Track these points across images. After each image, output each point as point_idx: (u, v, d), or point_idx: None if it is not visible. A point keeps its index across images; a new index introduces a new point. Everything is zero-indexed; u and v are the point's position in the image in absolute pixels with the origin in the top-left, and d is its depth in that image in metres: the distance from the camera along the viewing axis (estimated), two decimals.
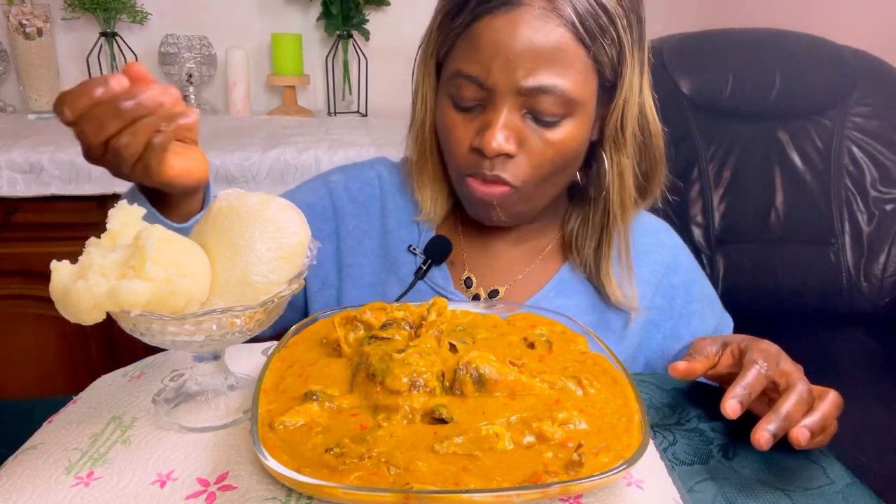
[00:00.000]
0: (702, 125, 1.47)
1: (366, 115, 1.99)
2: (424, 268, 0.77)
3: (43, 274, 0.43)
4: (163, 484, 0.44)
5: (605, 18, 0.63)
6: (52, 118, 1.74)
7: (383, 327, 0.54)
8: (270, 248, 0.47)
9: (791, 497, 0.50)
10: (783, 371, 0.56)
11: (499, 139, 0.64)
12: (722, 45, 1.53)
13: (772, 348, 0.59)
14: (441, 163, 0.76)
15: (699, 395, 0.63)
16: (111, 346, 1.56)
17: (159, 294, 0.42)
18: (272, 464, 0.40)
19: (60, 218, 1.46)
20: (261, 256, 0.46)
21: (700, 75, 1.48)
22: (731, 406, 0.52)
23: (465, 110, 0.67)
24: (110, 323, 0.44)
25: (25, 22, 1.67)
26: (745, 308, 0.97)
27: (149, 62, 1.87)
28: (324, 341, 0.55)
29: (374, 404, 0.46)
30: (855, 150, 1.48)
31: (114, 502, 0.42)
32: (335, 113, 1.98)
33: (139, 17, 1.81)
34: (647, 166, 0.74)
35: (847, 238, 1.46)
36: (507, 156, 0.66)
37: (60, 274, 0.42)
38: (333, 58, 1.94)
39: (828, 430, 0.55)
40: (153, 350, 0.53)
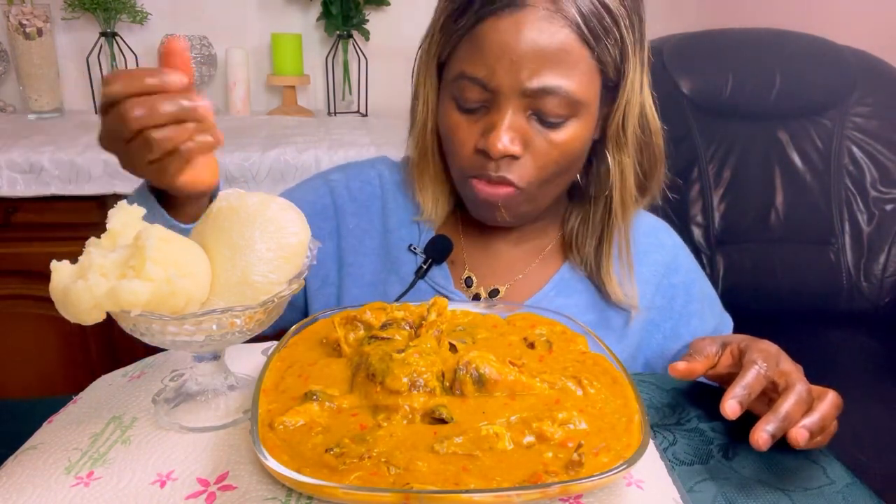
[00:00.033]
0: (702, 125, 1.47)
1: (366, 115, 1.99)
2: (425, 267, 0.77)
3: (43, 274, 0.43)
4: (163, 484, 0.44)
5: (609, 19, 0.63)
6: (52, 118, 1.75)
7: (383, 327, 0.54)
8: (270, 248, 0.47)
9: (791, 497, 0.50)
10: (782, 371, 0.56)
11: (504, 141, 0.64)
12: (722, 45, 1.53)
13: (771, 348, 0.59)
14: (442, 164, 0.76)
15: (699, 395, 0.63)
16: (111, 346, 1.56)
17: (159, 294, 0.42)
18: (272, 464, 0.40)
19: (60, 218, 1.46)
20: (261, 256, 0.46)
21: (700, 75, 1.48)
22: (731, 406, 0.52)
23: (469, 112, 0.67)
24: (110, 323, 0.44)
25: (25, 22, 1.67)
26: (745, 308, 0.97)
27: (149, 62, 1.86)
28: (324, 341, 0.55)
29: (374, 404, 0.46)
30: (855, 150, 1.48)
31: (114, 502, 0.42)
32: (335, 113, 1.98)
33: (139, 17, 1.81)
34: (648, 165, 0.74)
35: (847, 238, 1.46)
36: (513, 157, 0.66)
37: (60, 274, 0.42)
38: (333, 58, 1.94)
39: (827, 431, 0.55)
40: (153, 350, 0.53)
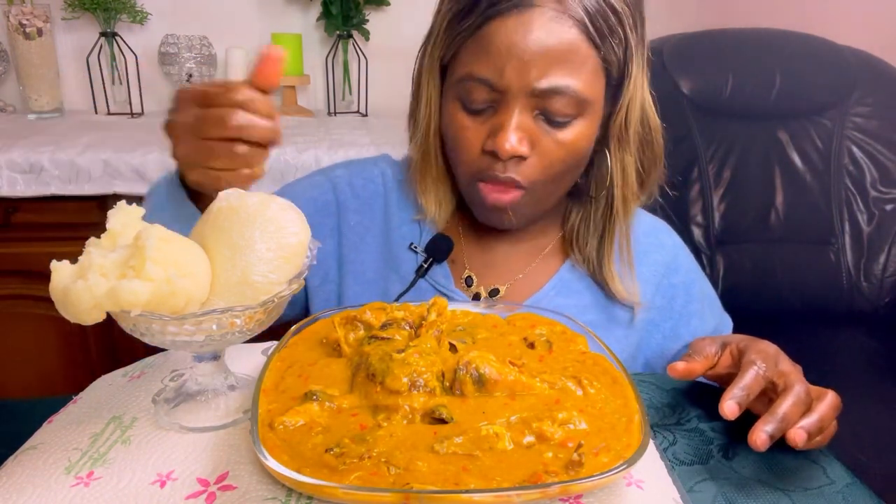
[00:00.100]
0: (702, 125, 1.47)
1: (366, 115, 1.99)
2: (426, 266, 0.77)
3: (43, 274, 0.43)
4: (163, 484, 0.44)
5: (614, 18, 0.64)
6: (52, 118, 1.75)
7: (383, 327, 0.54)
8: (270, 248, 0.46)
9: (791, 497, 0.50)
10: (781, 372, 0.56)
11: (512, 141, 0.64)
12: (722, 45, 1.53)
13: (770, 349, 0.59)
14: (445, 166, 0.76)
15: (699, 395, 0.63)
16: (111, 346, 1.56)
17: (159, 294, 0.42)
18: (272, 464, 0.40)
19: (60, 218, 1.46)
20: (261, 256, 0.46)
21: (700, 75, 1.48)
22: (729, 407, 0.52)
23: (475, 113, 0.67)
24: (110, 323, 0.44)
25: (25, 22, 1.67)
26: (745, 308, 0.97)
27: (149, 62, 1.87)
28: (324, 341, 0.55)
29: (374, 404, 0.46)
30: (855, 150, 1.48)
31: (114, 502, 0.42)
32: (335, 113, 1.98)
33: (139, 17, 1.80)
34: (648, 162, 0.74)
35: (847, 238, 1.46)
36: (520, 157, 0.66)
37: (60, 274, 0.42)
38: (333, 58, 1.94)
39: (827, 431, 0.55)
40: (153, 350, 0.53)
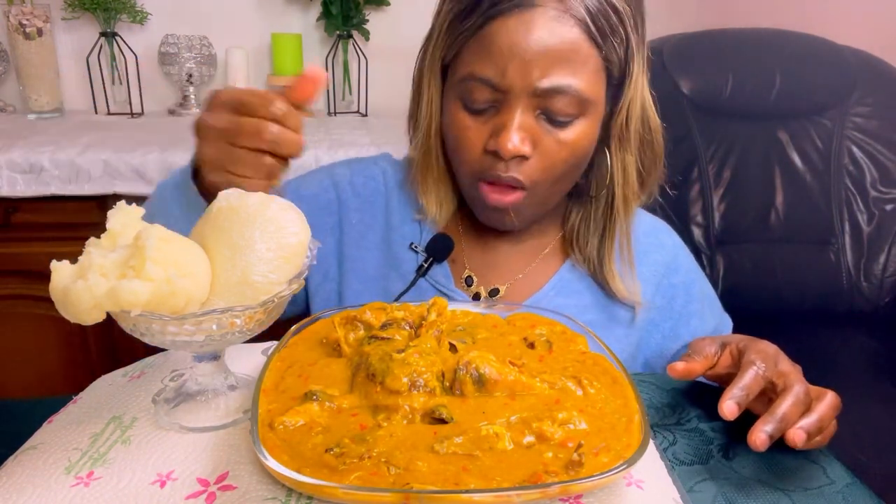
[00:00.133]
0: (702, 125, 1.47)
1: (366, 115, 1.99)
2: (426, 265, 0.77)
3: (43, 274, 0.43)
4: (163, 484, 0.44)
5: (615, 18, 0.64)
6: (52, 118, 1.75)
7: (383, 327, 0.54)
8: (270, 248, 0.46)
9: (791, 497, 0.50)
10: (781, 372, 0.56)
11: (514, 140, 0.64)
12: (722, 45, 1.53)
13: (770, 349, 0.59)
14: (446, 166, 0.76)
15: (699, 395, 0.63)
16: (111, 346, 1.56)
17: (159, 294, 0.42)
18: (272, 464, 0.40)
19: (60, 218, 1.46)
20: (261, 256, 0.46)
21: (700, 75, 1.48)
22: (728, 407, 0.52)
23: (477, 113, 0.67)
24: (110, 323, 0.44)
25: (25, 22, 1.67)
26: (745, 308, 0.97)
27: (149, 62, 1.87)
28: (324, 341, 0.55)
29: (374, 404, 0.46)
30: (855, 150, 1.48)
31: (114, 502, 0.42)
32: (335, 113, 1.98)
33: (139, 17, 1.80)
34: (648, 162, 0.74)
35: (847, 238, 1.46)
36: (522, 157, 0.66)
37: (60, 274, 0.42)
38: (333, 58, 1.94)
39: (826, 431, 0.55)
40: (153, 350, 0.53)
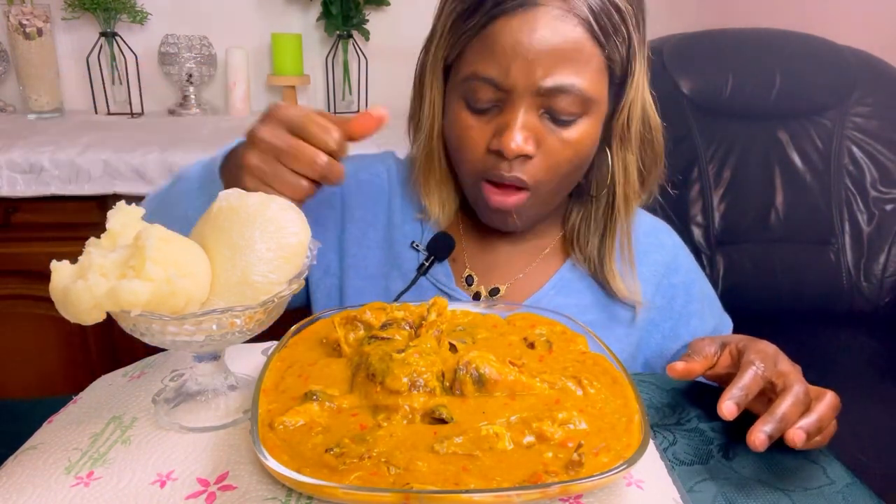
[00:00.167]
0: (702, 125, 1.47)
1: None
2: (427, 264, 0.77)
3: (43, 274, 0.43)
4: (163, 484, 0.44)
5: (618, 17, 0.64)
6: (52, 118, 1.75)
7: (383, 327, 0.54)
8: (270, 248, 0.47)
9: (791, 497, 0.50)
10: (780, 372, 0.56)
11: (518, 140, 0.64)
12: (722, 45, 1.53)
13: (769, 349, 0.59)
14: (448, 167, 0.76)
15: (699, 395, 0.63)
16: (111, 346, 1.56)
17: (159, 294, 0.42)
18: (272, 464, 0.40)
19: (60, 218, 1.46)
20: (261, 256, 0.46)
21: (700, 75, 1.48)
22: (728, 407, 0.52)
23: (480, 112, 0.67)
24: (110, 323, 0.44)
25: (25, 22, 1.67)
26: (745, 308, 0.97)
27: (149, 62, 1.87)
28: (324, 341, 0.55)
29: (374, 404, 0.46)
30: (855, 150, 1.48)
31: (114, 502, 0.42)
32: (335, 113, 1.98)
33: (139, 17, 1.80)
34: (649, 161, 0.74)
35: (847, 238, 1.46)
36: (526, 157, 0.66)
37: (60, 274, 0.42)
38: (333, 58, 1.94)
39: (826, 431, 0.55)
40: (153, 350, 0.53)
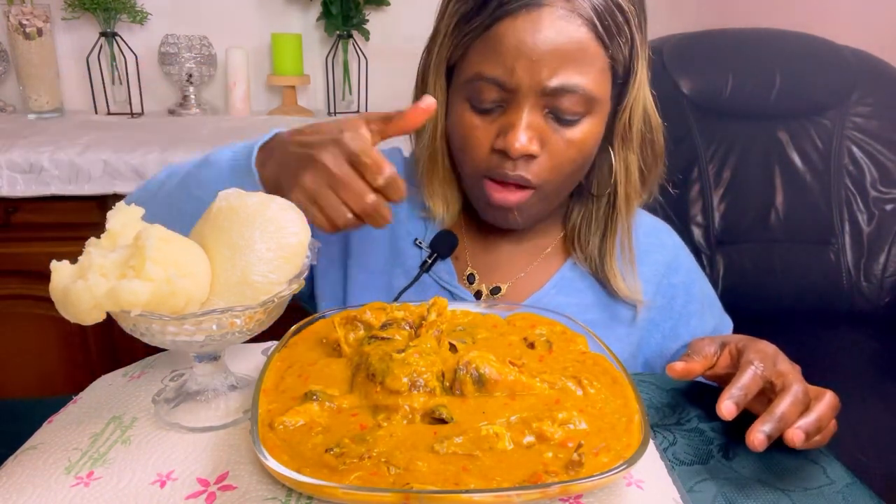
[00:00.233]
0: (702, 125, 1.46)
1: None
2: (430, 261, 0.77)
3: (43, 274, 0.43)
4: (163, 484, 0.44)
5: (621, 17, 0.64)
6: (52, 118, 1.75)
7: (383, 327, 0.54)
8: (270, 248, 0.47)
9: (791, 497, 0.50)
10: (780, 371, 0.56)
11: (522, 139, 0.64)
12: (722, 45, 1.53)
13: (769, 349, 0.59)
14: (452, 167, 0.76)
15: (699, 395, 0.63)
16: (111, 346, 1.56)
17: (159, 294, 0.42)
18: (272, 464, 0.40)
19: (60, 218, 1.46)
20: (261, 256, 0.46)
21: (700, 75, 1.48)
22: (727, 407, 0.53)
23: (485, 112, 0.67)
24: (110, 323, 0.45)
25: (25, 22, 1.67)
26: (745, 308, 0.97)
27: (149, 62, 1.87)
28: (324, 341, 0.55)
29: (374, 404, 0.46)
30: (855, 150, 1.48)
31: (114, 502, 0.42)
32: (335, 113, 1.98)
33: (139, 17, 1.80)
34: (649, 161, 0.74)
35: (847, 238, 1.46)
36: (530, 156, 0.66)
37: (60, 274, 0.42)
38: (333, 58, 1.94)
39: (826, 431, 0.55)
40: (153, 350, 0.53)
